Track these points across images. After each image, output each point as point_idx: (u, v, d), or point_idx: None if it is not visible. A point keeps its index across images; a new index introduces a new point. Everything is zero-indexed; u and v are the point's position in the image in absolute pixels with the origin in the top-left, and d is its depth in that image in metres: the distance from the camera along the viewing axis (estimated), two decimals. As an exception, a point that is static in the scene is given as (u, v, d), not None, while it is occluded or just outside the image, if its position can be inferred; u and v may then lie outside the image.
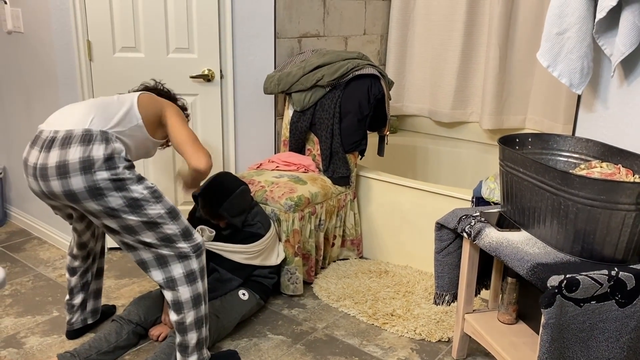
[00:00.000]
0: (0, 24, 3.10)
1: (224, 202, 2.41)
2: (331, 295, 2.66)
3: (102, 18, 2.75)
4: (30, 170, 1.89)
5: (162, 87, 2.36)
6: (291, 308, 2.59)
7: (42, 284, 2.75)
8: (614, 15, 1.77)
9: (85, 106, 1.98)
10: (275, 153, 3.22)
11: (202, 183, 2.45)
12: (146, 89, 2.32)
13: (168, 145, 2.34)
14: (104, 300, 2.59)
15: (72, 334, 2.31)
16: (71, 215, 2.12)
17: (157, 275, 1.95)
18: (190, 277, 1.95)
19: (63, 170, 1.82)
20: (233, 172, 3.11)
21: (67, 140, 1.85)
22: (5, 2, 2.98)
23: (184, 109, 2.38)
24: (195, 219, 2.57)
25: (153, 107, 2.09)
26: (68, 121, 1.92)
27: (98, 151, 1.83)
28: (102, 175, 1.82)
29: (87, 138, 1.85)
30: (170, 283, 1.95)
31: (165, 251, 1.93)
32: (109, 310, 2.48)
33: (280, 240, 2.64)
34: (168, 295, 1.96)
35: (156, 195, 1.90)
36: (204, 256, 2.00)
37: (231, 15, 2.90)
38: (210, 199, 2.42)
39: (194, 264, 1.96)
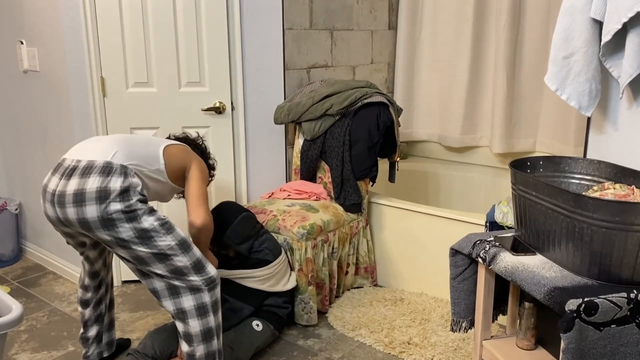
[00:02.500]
0: (16, 64, 3.18)
1: (227, 230, 2.42)
2: (346, 324, 2.64)
3: (115, 55, 2.82)
4: (49, 196, 1.93)
5: (201, 143, 2.42)
6: (306, 338, 2.57)
7: (57, 319, 2.75)
8: (619, 38, 1.79)
9: (110, 140, 2.03)
10: (286, 182, 3.23)
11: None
12: (186, 139, 2.38)
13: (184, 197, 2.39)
14: (118, 334, 2.59)
15: (88, 368, 2.31)
16: (84, 243, 2.14)
17: (169, 306, 1.96)
18: (201, 310, 1.95)
19: (80, 198, 1.86)
20: (245, 202, 3.13)
21: (87, 170, 1.90)
22: (22, 43, 3.06)
23: (212, 167, 2.42)
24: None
25: (181, 159, 2.14)
26: (91, 152, 1.97)
27: (115, 183, 1.87)
28: (116, 206, 1.85)
29: (107, 170, 1.90)
30: (181, 314, 1.95)
31: (176, 282, 1.94)
32: (125, 344, 2.48)
33: (292, 269, 2.63)
34: (179, 326, 1.97)
35: (167, 227, 1.92)
36: (217, 290, 2.00)
37: (241, 49, 2.96)
38: (214, 229, 2.43)
39: (206, 297, 1.96)
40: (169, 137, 2.40)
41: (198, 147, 2.39)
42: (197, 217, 2.06)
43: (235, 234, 2.43)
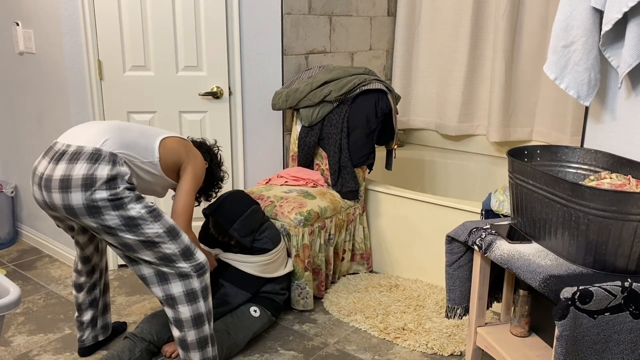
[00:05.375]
0: (12, 45, 3.15)
1: (235, 223, 2.42)
2: (342, 309, 2.66)
3: (112, 38, 2.80)
4: (37, 179, 1.92)
5: (217, 151, 2.35)
6: (302, 323, 2.58)
7: (53, 302, 2.76)
8: (619, 28, 1.79)
9: (103, 126, 2.00)
10: (283, 168, 3.23)
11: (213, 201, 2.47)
12: (201, 144, 2.31)
13: (207, 199, 2.37)
14: (115, 317, 2.60)
15: (84, 351, 2.31)
16: (72, 227, 2.13)
17: (157, 292, 1.96)
18: (190, 296, 1.95)
19: (65, 184, 1.84)
20: (242, 188, 3.12)
21: (75, 156, 1.88)
22: (18, 24, 3.03)
23: (220, 179, 2.35)
24: (209, 234, 2.59)
25: (176, 154, 2.08)
26: (82, 137, 1.94)
27: (103, 171, 1.84)
28: (101, 194, 1.83)
29: (95, 157, 1.87)
30: (170, 300, 1.95)
31: (165, 269, 1.93)
32: (120, 327, 2.49)
33: (289, 255, 2.64)
34: (168, 312, 1.97)
35: (154, 215, 1.89)
36: (206, 275, 1.99)
37: (239, 33, 2.94)
38: (221, 218, 2.43)
39: (195, 284, 1.95)
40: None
41: (212, 155, 2.34)
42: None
43: (242, 227, 2.42)
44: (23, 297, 2.81)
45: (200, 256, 1.97)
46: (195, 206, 2.36)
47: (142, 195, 1.93)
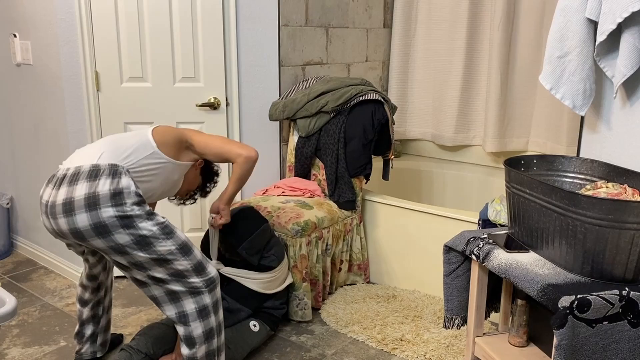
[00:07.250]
0: (9, 57, 3.16)
1: (244, 242, 2.40)
2: (339, 320, 2.65)
3: (109, 49, 2.80)
4: (43, 207, 1.89)
5: None
6: (299, 334, 2.57)
7: (49, 314, 2.74)
8: (614, 38, 1.81)
9: (98, 143, 1.99)
10: (280, 179, 3.23)
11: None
12: None
13: (204, 195, 2.35)
14: (111, 329, 2.57)
15: (81, 364, 2.29)
16: (83, 251, 2.12)
17: (170, 310, 1.93)
18: (203, 312, 1.93)
19: (69, 207, 1.80)
20: (239, 199, 3.12)
21: (75, 177, 1.85)
22: (15, 36, 3.04)
23: (216, 173, 2.35)
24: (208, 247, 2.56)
25: (171, 133, 2.09)
26: (79, 158, 1.93)
27: (104, 186, 1.81)
28: (108, 212, 1.79)
29: (94, 173, 1.84)
30: (183, 318, 1.92)
31: (176, 287, 1.90)
32: (117, 339, 2.47)
33: (289, 267, 2.63)
34: (180, 329, 1.94)
35: (167, 232, 1.86)
36: (217, 289, 1.98)
37: (236, 45, 2.96)
38: (231, 237, 2.39)
39: (207, 299, 1.94)
40: None
41: None
42: (249, 150, 2.09)
43: (251, 246, 2.39)
44: (18, 309, 2.79)
45: (212, 270, 1.96)
46: (191, 203, 2.36)
47: (154, 211, 1.88)
